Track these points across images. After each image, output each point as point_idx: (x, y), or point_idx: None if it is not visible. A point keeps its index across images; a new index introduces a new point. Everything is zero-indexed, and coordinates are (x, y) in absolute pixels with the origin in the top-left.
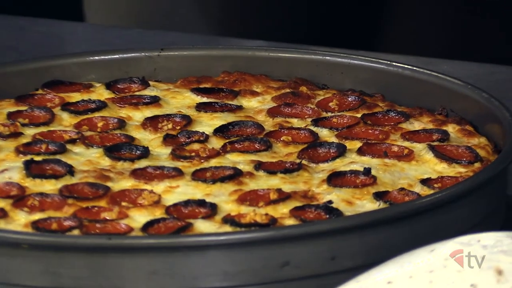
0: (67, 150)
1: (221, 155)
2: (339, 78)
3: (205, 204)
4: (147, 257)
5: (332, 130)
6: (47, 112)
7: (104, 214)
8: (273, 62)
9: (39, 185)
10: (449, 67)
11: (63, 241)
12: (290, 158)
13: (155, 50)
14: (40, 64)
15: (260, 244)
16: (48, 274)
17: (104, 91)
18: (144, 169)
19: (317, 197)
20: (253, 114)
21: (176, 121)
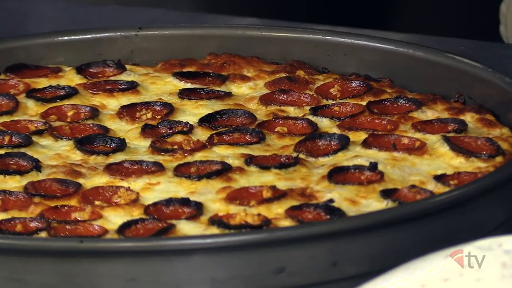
0: (33, 142)
1: (208, 148)
2: (342, 61)
3: (190, 203)
4: (124, 262)
5: (333, 120)
6: (10, 99)
7: (75, 215)
8: (267, 43)
9: (2, 181)
10: (467, 47)
11: (29, 244)
12: (285, 151)
13: (132, 29)
14: (1, 45)
15: (251, 248)
16: (13, 281)
17: (75, 76)
18: (120, 164)
19: (316, 196)
20: (243, 102)
21: (156, 109)
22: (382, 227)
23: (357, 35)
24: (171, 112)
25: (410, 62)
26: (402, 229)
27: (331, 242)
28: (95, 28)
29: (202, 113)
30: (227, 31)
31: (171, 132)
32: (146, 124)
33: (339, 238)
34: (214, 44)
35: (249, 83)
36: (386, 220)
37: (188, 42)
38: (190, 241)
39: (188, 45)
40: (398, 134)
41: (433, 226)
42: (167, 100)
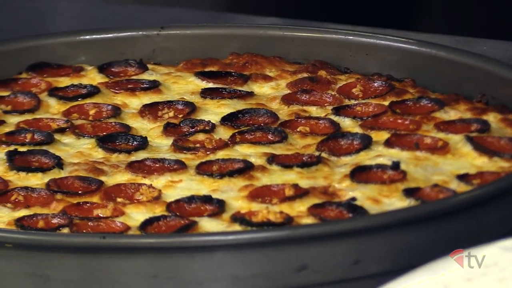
0: (55, 140)
1: (230, 146)
2: (364, 61)
3: (212, 201)
4: (146, 258)
5: (355, 120)
6: (32, 98)
7: (97, 211)
8: (289, 43)
9: (24, 178)
10: (490, 47)
11: (52, 240)
12: (308, 150)
13: (154, 28)
14: (23, 44)
15: (274, 245)
16: (35, 277)
17: (97, 75)
18: (142, 162)
19: (339, 194)
20: (265, 101)
21: (178, 108)
22: (404, 225)
23: (380, 35)
24: (193, 111)
25: (432, 62)
26: (424, 228)
27: (354, 240)
28: (117, 28)
29: (224, 112)
30: (249, 31)
31: (193, 131)
32: (168, 123)
33: (362, 236)
34: (236, 43)
35: (271, 83)
36: (408, 218)
37: (210, 41)
38: (212, 237)
39: (210, 45)
40: (420, 134)
41: (455, 225)
42: (189, 99)
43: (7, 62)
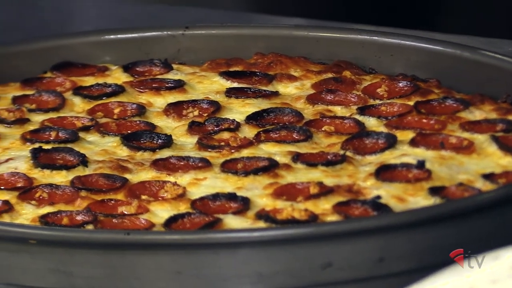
0: (79, 138)
1: (254, 145)
2: (389, 61)
3: (236, 198)
4: (170, 255)
5: (380, 120)
6: (57, 96)
7: (121, 208)
8: (313, 43)
9: (48, 176)
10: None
11: (76, 236)
12: (332, 149)
13: (179, 28)
14: (48, 44)
15: (299, 242)
16: (58, 273)
17: (121, 75)
18: (166, 160)
19: (364, 192)
20: (290, 101)
21: (203, 107)
22: (429, 223)
23: (405, 35)
24: (218, 110)
25: (457, 62)
26: (450, 226)
27: (378, 238)
28: (142, 27)
29: (248, 112)
30: (274, 31)
31: (218, 129)
32: (193, 121)
33: (386, 233)
34: (260, 43)
35: (296, 83)
36: (433, 216)
37: (235, 41)
38: (237, 234)
39: (234, 45)
40: (445, 134)
41: (481, 224)
42: (214, 99)
43: (32, 61)
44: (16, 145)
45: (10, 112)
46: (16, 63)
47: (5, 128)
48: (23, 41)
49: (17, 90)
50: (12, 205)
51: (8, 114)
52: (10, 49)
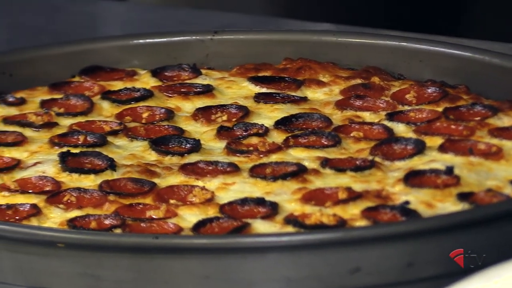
0: (107, 142)
1: (283, 150)
2: (418, 67)
3: (265, 203)
4: (199, 259)
5: (409, 125)
6: (85, 100)
7: (149, 213)
8: (342, 48)
9: (76, 180)
10: None
11: (104, 240)
12: (361, 154)
13: (207, 33)
14: (76, 48)
15: (327, 247)
16: (86, 277)
17: (150, 79)
18: (195, 164)
19: (392, 198)
20: (319, 106)
21: (231, 112)
22: (458, 229)
23: (434, 41)
24: (246, 115)
25: (486, 69)
26: (478, 231)
27: (407, 243)
28: (171, 32)
29: (277, 117)
30: (302, 37)
31: (247, 134)
32: (222, 126)
33: (415, 239)
34: (289, 49)
35: (325, 88)
36: (462, 221)
37: (264, 46)
38: (265, 239)
39: (263, 50)
40: (474, 140)
41: (509, 229)
42: (243, 104)
43: (60, 65)
44: (44, 149)
45: (38, 116)
46: (45, 67)
47: (33, 132)
48: (52, 45)
49: (45, 94)
50: (40, 208)
51: (36, 118)
52: (39, 53)
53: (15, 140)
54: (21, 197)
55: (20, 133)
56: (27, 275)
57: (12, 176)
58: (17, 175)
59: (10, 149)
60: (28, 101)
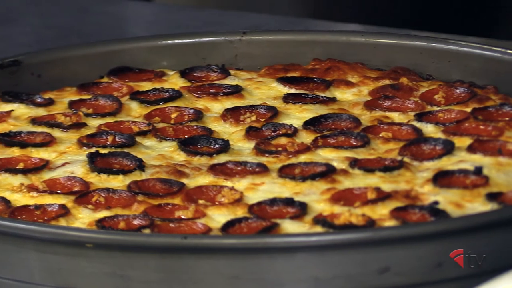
0: (136, 143)
1: (312, 150)
2: (446, 68)
3: (294, 203)
4: (228, 259)
5: (438, 126)
6: (114, 101)
7: (178, 213)
8: (371, 49)
9: (105, 180)
10: None
11: (133, 240)
12: (390, 155)
13: (236, 33)
14: (105, 48)
15: (356, 247)
16: (115, 277)
17: (178, 80)
18: (224, 165)
19: (421, 198)
20: (347, 107)
21: (260, 113)
22: (487, 229)
23: (462, 42)
24: (275, 115)
25: None
26: (507, 231)
27: (436, 243)
28: (199, 33)
29: (306, 117)
30: (331, 37)
31: (275, 135)
32: (251, 127)
33: (444, 239)
34: (318, 49)
35: (353, 89)
36: (491, 221)
37: (292, 47)
38: (294, 239)
39: (291, 51)
40: (503, 140)
41: None
42: (271, 104)
43: (88, 66)
44: (73, 150)
45: (66, 116)
46: (73, 68)
47: (62, 133)
48: (80, 46)
49: (73, 95)
50: (68, 209)
51: (64, 118)
52: (67, 54)
53: (43, 141)
54: (49, 197)
55: (49, 133)
56: (56, 275)
57: (41, 176)
58: (45, 175)
59: (38, 150)
60: (57, 102)
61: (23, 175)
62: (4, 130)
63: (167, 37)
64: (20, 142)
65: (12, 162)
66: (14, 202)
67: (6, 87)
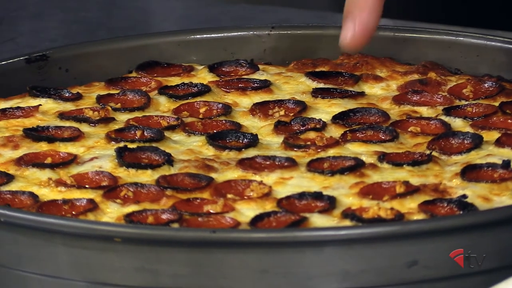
0: (165, 137)
1: (340, 144)
2: (474, 62)
3: (322, 197)
4: (257, 253)
5: (466, 120)
6: (142, 95)
7: (207, 207)
8: (399, 44)
9: (133, 175)
10: None
11: (162, 234)
12: (418, 149)
13: (265, 28)
14: (133, 43)
15: (385, 240)
16: (144, 271)
17: (207, 75)
18: (252, 159)
19: (449, 192)
20: (376, 101)
21: (289, 107)
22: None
23: (490, 36)
24: (304, 109)
25: None
26: None
27: (465, 236)
28: (228, 27)
29: (335, 112)
30: None
31: (304, 129)
32: (279, 121)
33: (472, 232)
34: None
35: (382, 83)
36: None
37: (320, 42)
38: (323, 232)
39: (320, 45)
40: None
41: None
42: (300, 99)
43: (116, 60)
44: (101, 144)
45: (94, 111)
46: (101, 62)
47: (90, 127)
48: (108, 40)
49: (101, 90)
50: (96, 203)
51: (92, 113)
52: (95, 48)
53: (71, 135)
54: (77, 192)
55: (77, 128)
56: (84, 270)
57: (69, 171)
58: (73, 170)
59: (66, 144)
60: (85, 97)
61: (51, 170)
62: (32, 125)
63: (195, 31)
64: (47, 136)
65: (39, 157)
66: (41, 197)
67: (33, 81)
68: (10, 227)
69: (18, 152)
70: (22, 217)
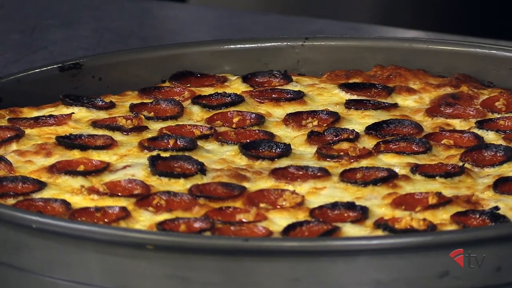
0: (198, 146)
1: (373, 155)
2: (507, 75)
3: (355, 207)
4: (289, 262)
5: (499, 133)
6: (175, 105)
7: (239, 216)
8: (433, 56)
9: (166, 184)
10: None
11: (194, 242)
12: (451, 161)
13: (298, 39)
14: (166, 52)
15: (417, 250)
16: (175, 279)
17: (241, 85)
18: (285, 169)
19: (482, 203)
20: (409, 113)
21: (322, 118)
22: None
23: None
24: (337, 120)
25: None
26: None
27: (496, 247)
28: (262, 38)
29: (368, 123)
30: (393, 44)
31: (337, 140)
32: (312, 131)
33: (504, 243)
34: (380, 56)
35: (415, 96)
36: None
37: (354, 53)
38: (355, 242)
39: (353, 56)
40: None
41: None
42: (333, 109)
43: (149, 69)
44: (134, 153)
45: (127, 119)
46: (134, 71)
47: (122, 136)
48: (141, 50)
49: (134, 99)
50: (129, 211)
51: (125, 121)
52: (128, 57)
53: (104, 144)
54: (109, 200)
55: (110, 136)
56: (115, 277)
57: (101, 179)
58: (106, 178)
59: (99, 152)
60: (118, 105)
61: (83, 177)
62: (65, 133)
63: (229, 41)
64: (80, 144)
65: (72, 165)
66: (74, 204)
67: (66, 90)
68: (41, 233)
69: (50, 159)
70: (54, 224)
